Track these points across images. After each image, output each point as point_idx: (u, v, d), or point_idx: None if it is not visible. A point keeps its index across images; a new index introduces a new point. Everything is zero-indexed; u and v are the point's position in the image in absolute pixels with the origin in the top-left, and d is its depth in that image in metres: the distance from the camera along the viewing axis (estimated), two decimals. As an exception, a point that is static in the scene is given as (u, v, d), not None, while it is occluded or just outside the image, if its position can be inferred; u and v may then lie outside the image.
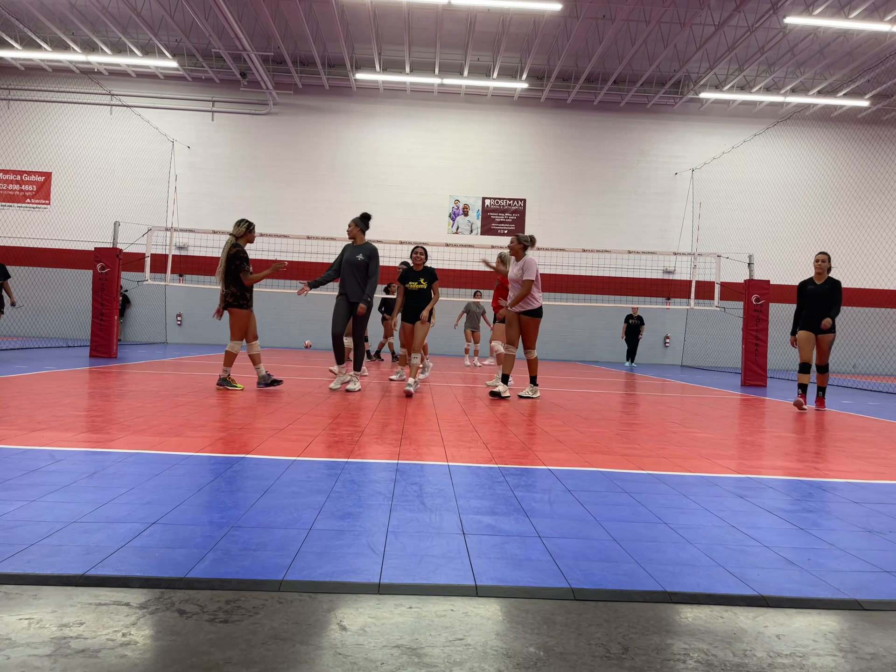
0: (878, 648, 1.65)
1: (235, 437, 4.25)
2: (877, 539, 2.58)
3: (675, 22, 16.57)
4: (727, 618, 1.79)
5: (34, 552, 2.02)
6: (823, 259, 7.85)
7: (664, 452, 4.40)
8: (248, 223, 7.16)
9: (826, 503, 3.16)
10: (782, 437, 5.35)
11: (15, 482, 2.84)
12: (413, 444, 4.30)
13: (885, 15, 15.44)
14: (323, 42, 18.90)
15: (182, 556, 2.05)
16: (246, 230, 7.14)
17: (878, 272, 21.05)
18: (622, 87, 20.44)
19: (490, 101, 21.37)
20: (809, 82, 19.66)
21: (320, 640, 1.55)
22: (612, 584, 1.97)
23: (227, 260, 7.06)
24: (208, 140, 20.77)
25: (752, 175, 21.49)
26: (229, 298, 7.08)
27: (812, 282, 7.94)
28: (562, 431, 5.17)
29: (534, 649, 1.56)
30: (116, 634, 1.54)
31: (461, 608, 1.78)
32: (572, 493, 3.13)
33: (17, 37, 18.66)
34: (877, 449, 4.96)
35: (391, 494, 2.94)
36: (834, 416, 7.28)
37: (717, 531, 2.60)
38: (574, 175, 21.44)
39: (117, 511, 2.49)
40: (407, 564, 2.07)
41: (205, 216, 20.33)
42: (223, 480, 3.06)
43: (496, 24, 17.62)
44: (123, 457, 3.47)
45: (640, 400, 8.27)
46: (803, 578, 2.10)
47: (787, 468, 4.02)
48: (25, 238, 20.10)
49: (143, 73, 20.60)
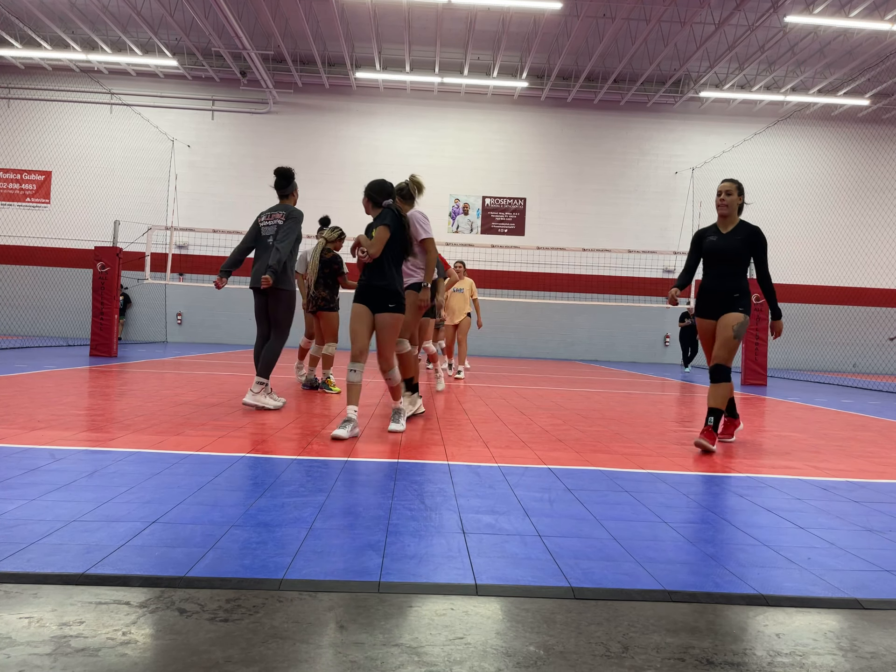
0: (878, 647, 1.65)
1: (235, 436, 4.25)
2: (877, 538, 2.58)
3: (675, 21, 16.56)
4: (727, 617, 1.79)
5: (34, 551, 2.02)
6: (729, 189, 4.73)
7: (664, 451, 4.40)
8: (340, 231, 7.31)
9: (826, 502, 3.16)
10: (782, 437, 5.35)
11: (15, 481, 2.84)
12: (413, 443, 4.30)
13: (886, 14, 15.42)
14: (323, 41, 18.89)
15: (182, 554, 2.05)
16: (338, 237, 7.28)
17: (878, 272, 21.05)
18: (622, 85, 20.43)
19: (490, 100, 21.36)
20: (810, 81, 19.64)
21: (320, 640, 1.55)
22: (613, 583, 1.98)
23: (323, 263, 7.19)
24: (208, 139, 20.77)
25: (752, 174, 21.45)
26: (321, 302, 7.20)
27: (715, 230, 4.83)
28: (562, 431, 5.17)
29: (534, 648, 1.56)
30: (116, 633, 1.54)
31: (461, 607, 1.78)
32: (572, 492, 3.13)
33: (17, 35, 18.65)
34: (877, 448, 4.96)
35: (391, 493, 2.95)
36: (834, 415, 7.28)
37: (717, 531, 2.60)
38: (574, 174, 21.43)
39: (117, 510, 2.49)
40: (407, 563, 2.07)
41: (205, 215, 20.32)
42: (223, 479, 3.06)
43: (496, 23, 17.61)
44: (123, 456, 3.47)
45: (639, 399, 8.27)
46: (803, 577, 2.10)
47: (786, 467, 4.02)
48: (25, 237, 20.09)
49: (143, 71, 20.59)
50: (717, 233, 4.79)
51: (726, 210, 4.73)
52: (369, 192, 4.64)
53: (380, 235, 4.43)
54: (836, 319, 20.97)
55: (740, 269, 4.71)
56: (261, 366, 5.66)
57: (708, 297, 4.79)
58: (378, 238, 4.43)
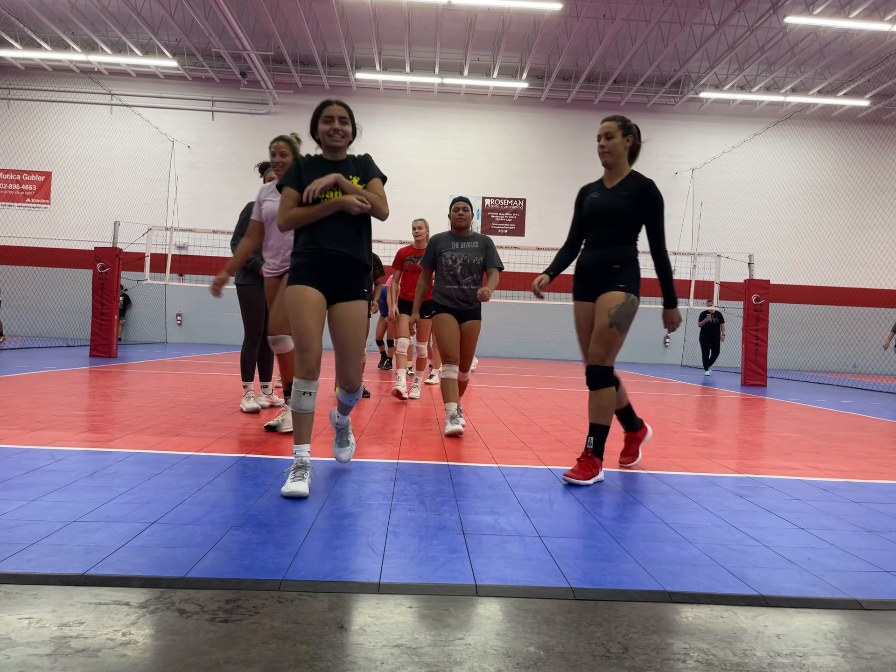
0: (878, 648, 1.65)
1: (236, 436, 4.25)
2: (877, 539, 2.58)
3: (675, 21, 16.56)
4: (727, 617, 1.79)
5: (34, 551, 2.02)
6: (610, 131, 3.53)
7: (664, 452, 4.40)
8: None
9: (826, 503, 3.16)
10: (782, 437, 5.35)
11: (15, 482, 2.84)
12: (413, 443, 4.30)
13: (886, 14, 15.43)
14: (323, 41, 18.89)
15: (182, 555, 2.05)
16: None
17: (879, 272, 21.04)
18: (622, 86, 20.43)
19: (490, 101, 21.36)
20: (809, 82, 19.65)
21: (320, 640, 1.55)
22: (612, 584, 1.97)
23: None
24: (208, 139, 20.77)
25: (752, 175, 21.48)
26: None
27: (599, 185, 3.68)
28: (562, 431, 5.17)
29: (534, 649, 1.56)
30: (116, 634, 1.54)
31: (461, 607, 1.78)
32: (572, 493, 3.13)
33: (17, 36, 18.65)
34: (877, 449, 4.96)
35: (391, 494, 2.94)
36: (834, 415, 7.28)
37: (717, 531, 2.60)
38: (574, 175, 21.42)
39: (117, 510, 2.49)
40: (407, 564, 2.07)
41: (205, 216, 20.32)
42: (223, 480, 3.06)
43: (496, 24, 17.61)
44: (123, 456, 3.47)
45: (639, 400, 8.26)
46: (803, 578, 2.10)
47: (786, 468, 4.02)
48: (25, 238, 20.09)
49: (143, 72, 20.60)
50: (601, 188, 3.61)
51: (609, 158, 3.52)
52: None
53: (382, 192, 3.13)
54: (835, 320, 20.97)
55: (625, 234, 3.55)
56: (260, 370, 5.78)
57: (584, 272, 3.66)
58: (383, 196, 3.11)
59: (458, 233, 4.99)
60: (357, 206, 2.98)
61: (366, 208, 3.01)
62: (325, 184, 2.95)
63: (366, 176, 3.12)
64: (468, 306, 4.88)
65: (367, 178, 3.11)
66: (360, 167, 3.14)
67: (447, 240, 4.96)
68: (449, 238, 4.97)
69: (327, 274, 3.03)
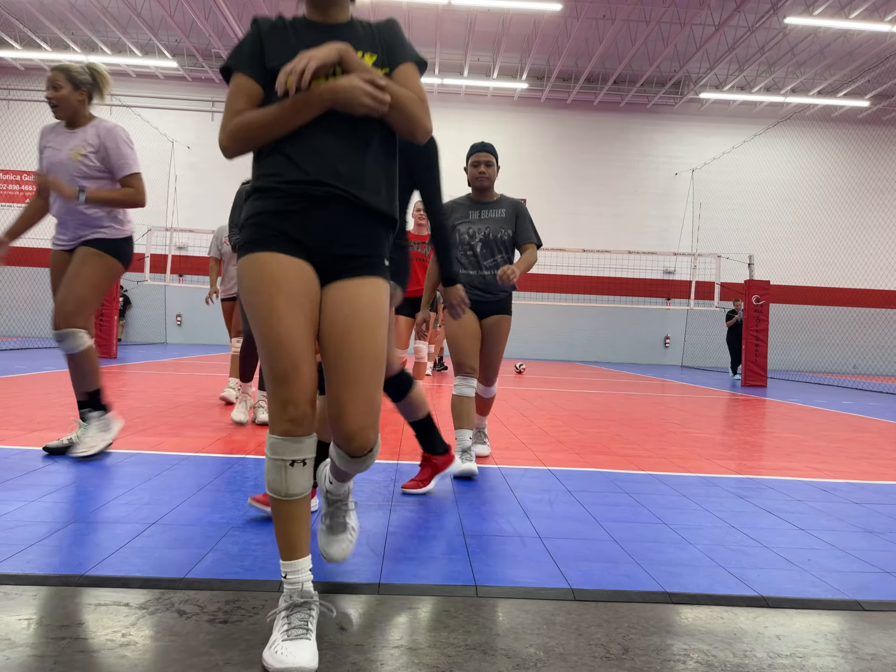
0: (879, 649, 1.65)
1: (235, 437, 4.25)
2: (877, 540, 2.58)
3: (675, 22, 16.57)
4: (727, 618, 1.79)
5: (34, 552, 2.02)
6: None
7: (664, 453, 4.39)
8: None
9: (826, 504, 3.16)
10: (782, 438, 5.35)
11: (15, 482, 2.84)
12: (412, 443, 4.29)
13: (886, 15, 15.43)
14: (323, 42, 18.89)
15: (182, 556, 2.05)
16: None
17: (879, 272, 21.05)
18: (622, 87, 20.44)
19: (490, 101, 21.37)
20: (809, 82, 19.65)
21: (320, 641, 1.55)
22: (612, 585, 1.97)
23: None
24: (208, 140, 20.77)
25: (752, 175, 21.49)
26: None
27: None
28: (562, 431, 5.17)
29: (534, 650, 1.56)
30: (116, 635, 1.54)
31: (461, 608, 1.77)
32: (572, 494, 3.13)
33: (17, 37, 18.65)
34: (877, 449, 4.96)
35: (391, 495, 2.94)
36: (834, 416, 7.28)
37: (717, 532, 2.60)
38: (574, 175, 21.44)
39: (117, 511, 2.49)
40: (407, 565, 2.07)
41: (204, 216, 20.32)
42: (223, 480, 3.06)
43: (496, 25, 17.62)
44: (123, 457, 3.47)
45: (640, 400, 8.26)
46: (803, 579, 2.10)
47: (787, 468, 4.02)
48: (25, 238, 20.00)
49: (142, 73, 20.60)
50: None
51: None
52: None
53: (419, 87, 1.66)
54: (835, 321, 20.99)
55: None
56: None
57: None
58: (422, 95, 1.65)
59: (479, 196, 3.58)
60: (370, 96, 1.53)
61: (384, 103, 1.55)
62: (321, 59, 1.51)
63: (391, 57, 1.67)
64: (492, 297, 3.58)
65: (394, 62, 1.67)
66: (379, 39, 1.69)
67: (464, 207, 3.58)
68: (467, 205, 3.58)
69: (318, 230, 1.60)
